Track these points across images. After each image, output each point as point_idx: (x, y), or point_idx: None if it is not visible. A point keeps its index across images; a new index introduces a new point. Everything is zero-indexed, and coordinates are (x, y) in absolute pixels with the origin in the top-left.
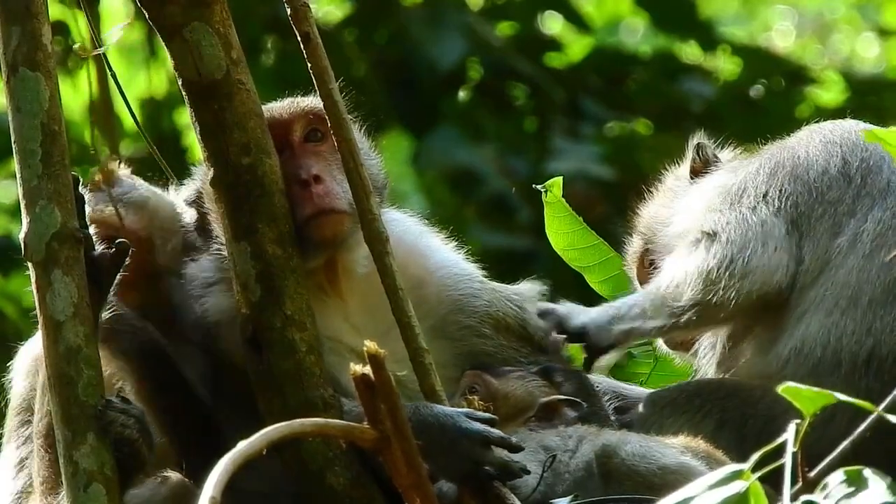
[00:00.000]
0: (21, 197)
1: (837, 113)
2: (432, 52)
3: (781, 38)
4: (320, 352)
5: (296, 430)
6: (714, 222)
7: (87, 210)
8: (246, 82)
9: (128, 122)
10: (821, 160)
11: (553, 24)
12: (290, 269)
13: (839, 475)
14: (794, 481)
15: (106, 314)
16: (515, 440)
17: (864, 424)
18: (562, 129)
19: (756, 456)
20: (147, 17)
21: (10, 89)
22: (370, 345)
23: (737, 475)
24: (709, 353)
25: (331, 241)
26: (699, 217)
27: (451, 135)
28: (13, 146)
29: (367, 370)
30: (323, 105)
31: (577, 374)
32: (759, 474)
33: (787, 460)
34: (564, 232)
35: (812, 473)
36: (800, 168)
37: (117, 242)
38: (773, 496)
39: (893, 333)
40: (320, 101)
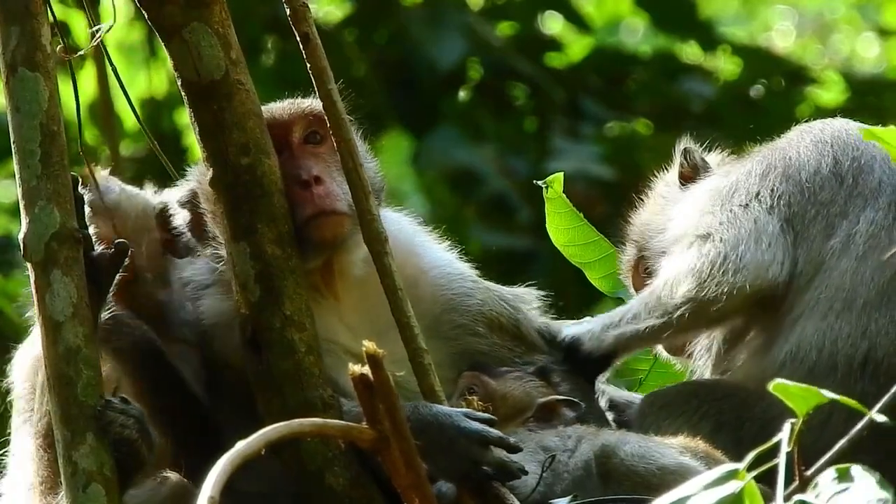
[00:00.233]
0: (20, 197)
1: (837, 113)
2: (432, 52)
3: (781, 38)
4: (319, 352)
5: (295, 430)
6: (707, 225)
7: (86, 211)
8: (245, 82)
9: (128, 122)
10: (812, 160)
11: (553, 24)
12: (289, 269)
13: (830, 473)
14: (790, 480)
15: (104, 314)
16: (514, 440)
17: (857, 426)
18: (562, 129)
19: (751, 455)
20: (146, 18)
21: (10, 89)
22: (369, 345)
23: (732, 475)
24: (705, 357)
25: (330, 242)
26: (693, 222)
27: (451, 135)
28: (12, 146)
29: (366, 370)
30: (322, 105)
31: (573, 374)
32: (754, 474)
33: (781, 459)
34: (565, 228)
35: (808, 473)
36: (791, 168)
37: (116, 243)
38: (769, 496)
39: (888, 336)
40: (320, 102)
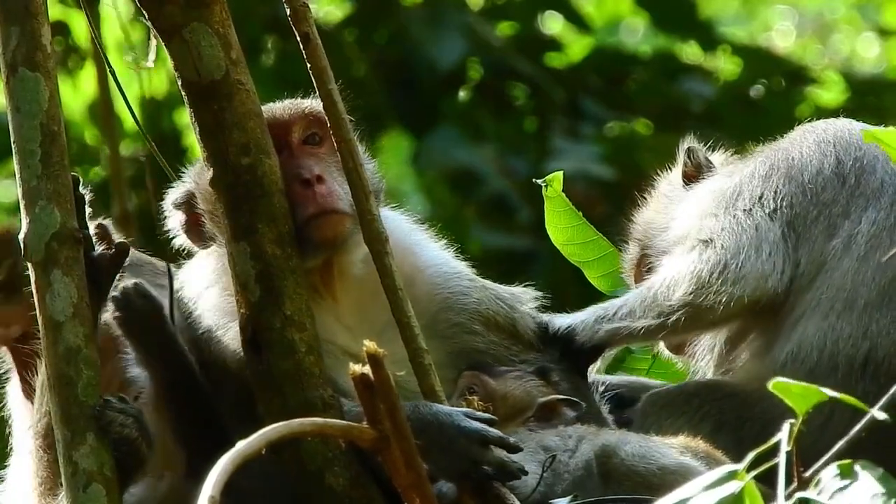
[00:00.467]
0: (20, 197)
1: (838, 113)
2: (432, 52)
3: (781, 38)
4: (320, 352)
5: (295, 429)
6: (710, 229)
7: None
8: (245, 82)
9: (128, 122)
10: (815, 161)
11: (553, 24)
12: (289, 269)
13: (832, 470)
14: (789, 480)
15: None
16: (514, 440)
17: (858, 425)
18: (562, 129)
19: (751, 456)
20: (146, 18)
21: (10, 89)
22: (370, 344)
23: (732, 475)
24: (706, 356)
25: (331, 242)
26: (696, 222)
27: (451, 135)
28: (13, 146)
29: (367, 370)
30: (322, 105)
31: (572, 374)
32: (753, 474)
33: (781, 459)
34: (564, 227)
35: (808, 473)
36: (794, 169)
37: (117, 243)
38: (770, 496)
39: (889, 336)
40: (320, 102)
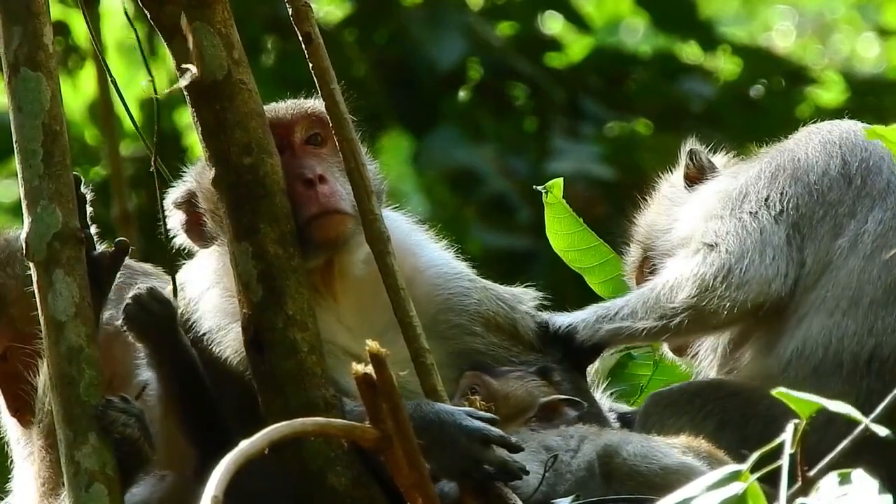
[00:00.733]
0: (22, 197)
1: (838, 113)
2: (432, 52)
3: (781, 38)
4: (322, 352)
5: (297, 429)
6: (714, 232)
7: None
8: (247, 82)
9: (128, 122)
10: (821, 162)
11: (553, 24)
12: (291, 269)
13: (832, 477)
14: (793, 481)
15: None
16: (515, 440)
17: (854, 433)
18: (562, 129)
19: (755, 456)
20: (148, 17)
21: (12, 89)
22: (372, 344)
23: (735, 476)
24: (709, 356)
25: (333, 242)
26: (700, 224)
27: (451, 135)
28: (14, 146)
29: (369, 369)
30: (325, 105)
31: (573, 373)
32: (757, 475)
33: (785, 461)
34: (565, 233)
35: (811, 473)
36: (800, 170)
37: (117, 241)
38: (774, 496)
39: (895, 334)
40: (322, 103)
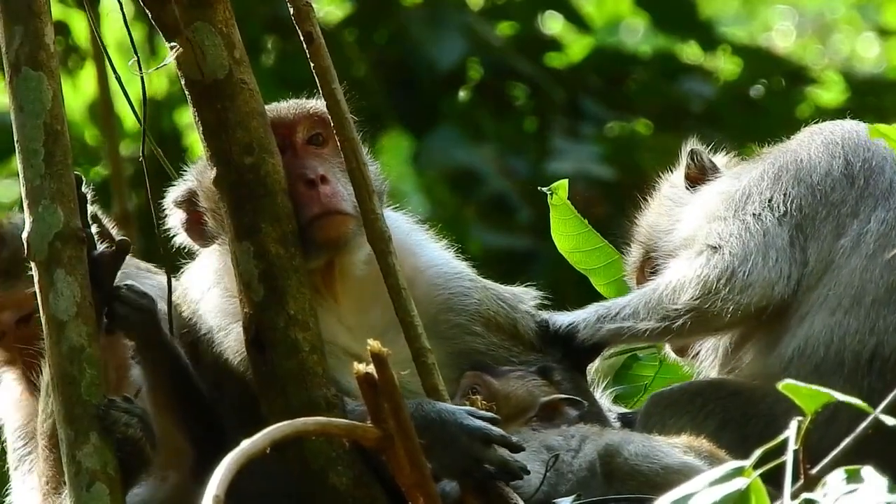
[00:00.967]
0: (24, 196)
1: (838, 113)
2: (432, 52)
3: (781, 38)
4: (323, 351)
5: (299, 429)
6: (718, 234)
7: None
8: (249, 82)
9: (128, 122)
10: (823, 162)
11: (553, 24)
12: (292, 268)
13: (839, 474)
14: (795, 479)
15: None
16: (516, 439)
17: (862, 425)
18: (562, 129)
19: (758, 453)
20: (149, 17)
21: (13, 89)
22: (374, 344)
23: (738, 472)
24: (711, 356)
25: (334, 242)
26: (703, 225)
27: (451, 135)
28: (16, 146)
29: (371, 369)
30: (326, 104)
31: (573, 373)
32: (760, 471)
33: (789, 458)
34: (570, 234)
35: (814, 471)
36: (803, 171)
37: (118, 241)
38: (775, 496)
39: None
40: (323, 103)
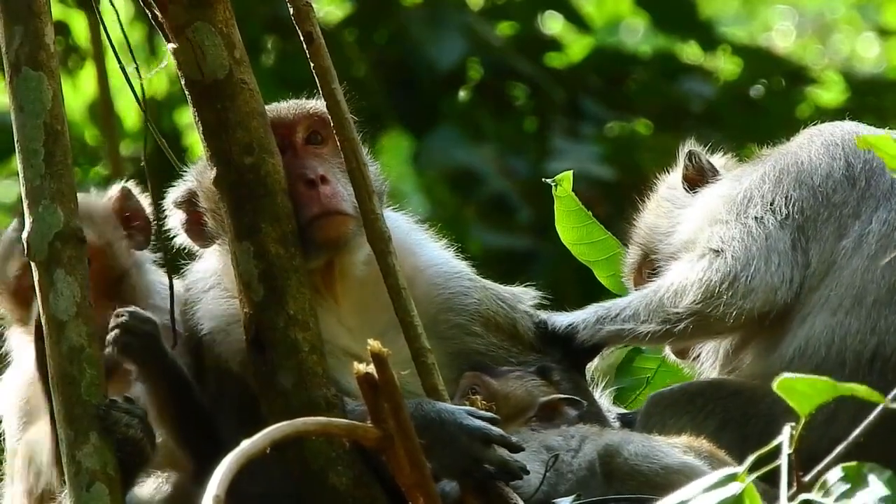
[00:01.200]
0: (24, 196)
1: (838, 113)
2: (432, 52)
3: (781, 38)
4: (323, 351)
5: (299, 429)
6: (720, 237)
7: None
8: (249, 82)
9: (128, 122)
10: (824, 164)
11: (553, 24)
12: (292, 268)
13: (837, 472)
14: (790, 483)
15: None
16: (516, 440)
17: (871, 416)
18: (562, 129)
19: (752, 458)
20: (149, 17)
21: (13, 89)
22: (374, 344)
23: (732, 477)
24: (712, 358)
25: (334, 243)
26: (704, 228)
27: (451, 135)
28: (16, 146)
29: (371, 369)
30: (326, 104)
31: (573, 373)
32: (754, 475)
33: (783, 462)
34: (574, 227)
35: (811, 475)
36: (804, 173)
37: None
38: (774, 496)
39: None
40: (323, 103)
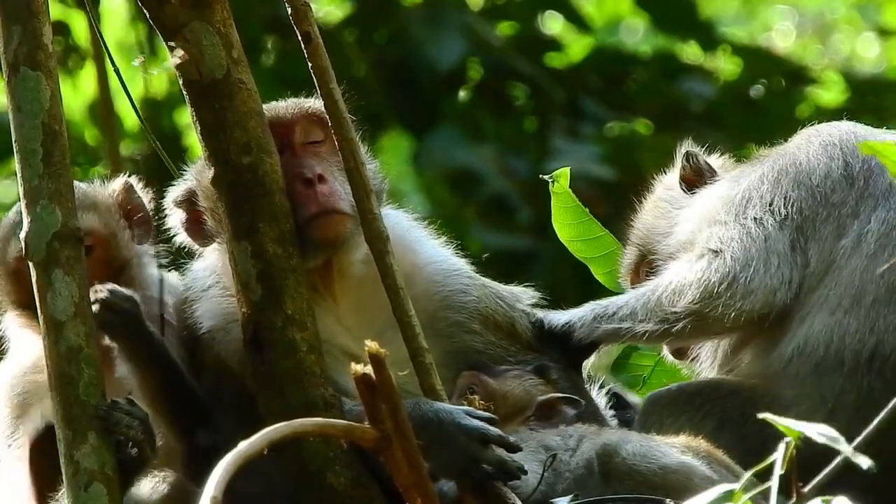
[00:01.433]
0: (22, 196)
1: (838, 113)
2: (432, 52)
3: (781, 38)
4: (321, 351)
5: (297, 429)
6: (719, 238)
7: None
8: (247, 82)
9: (128, 122)
10: (822, 164)
11: (553, 24)
12: (290, 268)
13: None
14: (788, 496)
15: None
16: (514, 440)
17: (833, 462)
18: (562, 129)
19: (748, 475)
20: (147, 17)
21: (11, 89)
22: (371, 344)
23: (728, 497)
24: (710, 358)
25: (332, 242)
26: (703, 228)
27: (451, 135)
28: (14, 146)
29: (368, 370)
30: (324, 104)
31: (570, 372)
32: (750, 494)
33: (774, 482)
34: (571, 223)
35: (806, 488)
36: (802, 174)
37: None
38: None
39: None
40: (321, 102)
